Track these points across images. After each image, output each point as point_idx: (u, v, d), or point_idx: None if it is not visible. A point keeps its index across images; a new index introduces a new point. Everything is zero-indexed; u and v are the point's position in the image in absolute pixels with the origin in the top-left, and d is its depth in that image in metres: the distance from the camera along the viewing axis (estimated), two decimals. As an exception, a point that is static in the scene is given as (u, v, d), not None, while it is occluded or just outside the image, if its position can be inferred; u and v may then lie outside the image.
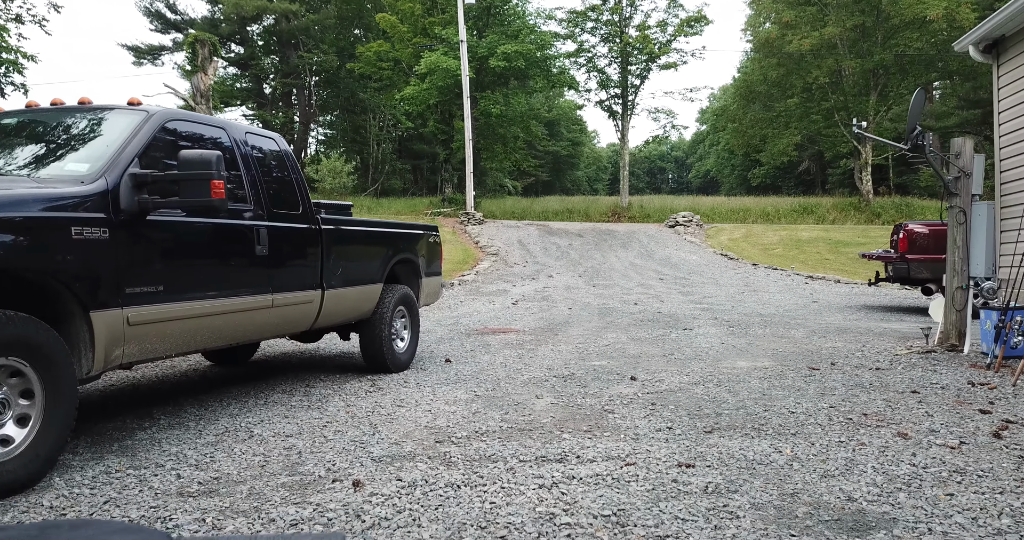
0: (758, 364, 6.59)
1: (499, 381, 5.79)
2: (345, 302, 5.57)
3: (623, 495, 3.00)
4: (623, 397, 5.11)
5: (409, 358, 6.53)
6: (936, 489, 3.03)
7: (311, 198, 5.30)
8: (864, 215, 29.81)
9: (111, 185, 3.54)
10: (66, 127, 4.08)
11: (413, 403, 4.95)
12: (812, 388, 5.37)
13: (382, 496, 3.03)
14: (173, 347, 3.96)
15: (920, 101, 6.81)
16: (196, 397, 5.10)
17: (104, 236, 3.43)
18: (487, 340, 8.41)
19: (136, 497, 3.02)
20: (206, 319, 4.07)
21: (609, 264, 19.48)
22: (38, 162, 3.83)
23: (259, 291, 4.52)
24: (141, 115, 3.99)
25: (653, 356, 7.16)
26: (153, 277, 3.71)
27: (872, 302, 12.77)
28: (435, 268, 7.31)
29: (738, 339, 8.41)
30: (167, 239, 3.82)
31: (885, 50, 29.52)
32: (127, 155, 3.70)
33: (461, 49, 26.09)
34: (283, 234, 4.79)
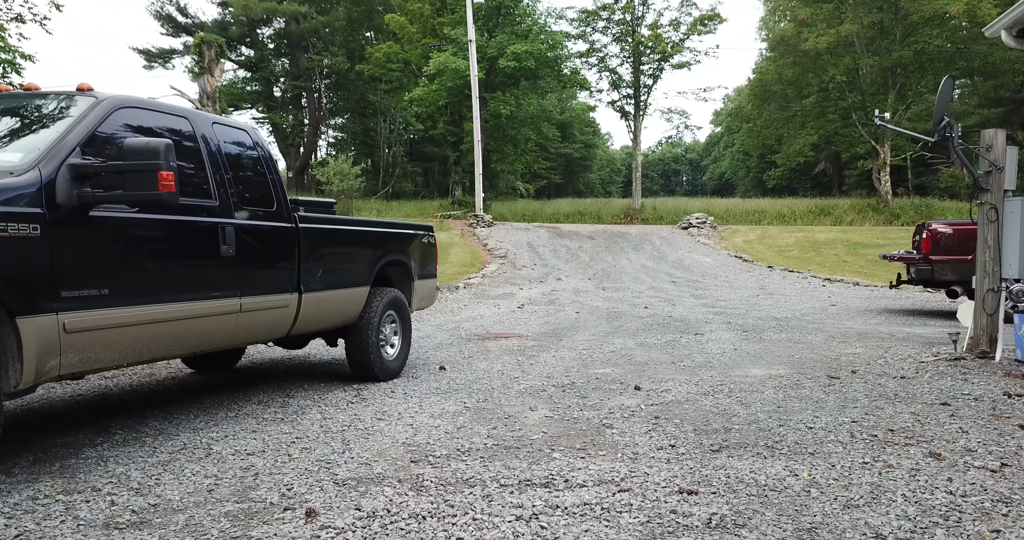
0: (773, 372, 6.15)
1: (492, 391, 5.39)
2: (326, 307, 5.19)
3: (612, 531, 2.59)
4: (624, 409, 4.69)
5: (399, 365, 6.14)
6: (979, 524, 2.59)
7: (287, 195, 4.93)
8: (883, 216, 29.14)
9: (46, 177, 3.17)
10: (8, 115, 3.73)
11: (395, 416, 4.56)
12: (832, 399, 4.92)
13: (334, 530, 2.64)
14: (123, 356, 3.59)
15: (949, 90, 6.35)
16: (164, 409, 4.74)
17: (35, 233, 3.06)
18: (487, 346, 8.01)
19: (53, 530, 2.65)
20: (161, 325, 3.70)
21: (620, 267, 19.02)
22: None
23: (225, 295, 4.14)
24: (89, 101, 3.64)
25: (661, 363, 6.73)
26: (96, 279, 3.34)
27: (893, 305, 12.24)
28: (429, 270, 6.92)
29: (752, 345, 7.96)
30: (113, 237, 3.46)
31: (904, 47, 28.86)
32: (67, 144, 3.34)
33: (470, 49, 25.75)
34: (253, 232, 4.41)
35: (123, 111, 3.76)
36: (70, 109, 3.64)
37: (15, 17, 15.27)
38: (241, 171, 4.52)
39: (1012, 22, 6.18)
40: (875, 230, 24.84)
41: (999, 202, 6.40)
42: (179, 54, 40.70)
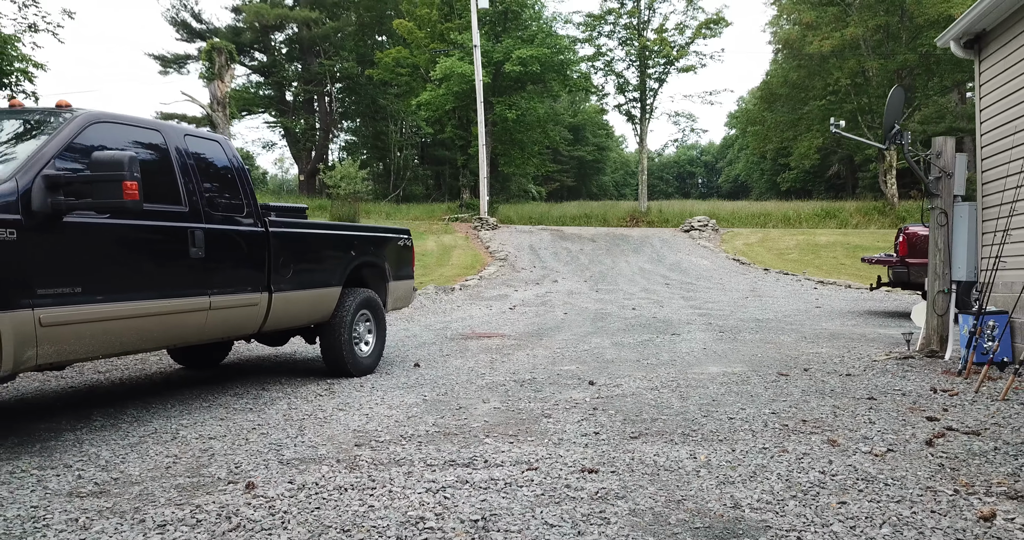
0: (729, 370, 6.44)
1: (455, 386, 5.73)
2: (296, 305, 5.56)
3: (506, 500, 2.93)
4: (569, 402, 5.02)
5: (373, 362, 6.50)
6: (832, 497, 2.90)
7: (258, 201, 5.31)
8: (889, 219, 29.18)
9: (23, 187, 3.57)
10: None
11: (356, 407, 4.92)
12: (768, 394, 5.22)
13: (265, 499, 3.00)
14: (97, 349, 3.98)
15: (899, 99, 6.62)
16: (144, 400, 5.13)
17: (11, 237, 3.45)
18: (468, 345, 8.35)
19: (24, 497, 3.03)
20: (131, 321, 4.08)
21: (617, 269, 19.31)
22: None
23: (194, 293, 4.52)
24: (64, 117, 4.03)
25: (626, 361, 7.04)
26: (69, 278, 3.73)
27: (877, 307, 12.45)
28: (405, 272, 7.28)
29: (723, 344, 8.24)
30: (85, 240, 3.84)
31: (910, 50, 28.92)
32: (42, 157, 3.73)
33: (475, 54, 26.15)
34: (223, 236, 4.79)
35: (97, 126, 4.16)
36: (48, 124, 4.03)
37: (29, 26, 15.82)
38: (212, 179, 4.90)
39: (960, 32, 6.44)
40: (877, 233, 24.93)
41: (949, 207, 6.66)
42: (193, 59, 41.47)
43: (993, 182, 6.39)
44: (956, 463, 3.38)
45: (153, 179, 4.32)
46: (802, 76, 31.14)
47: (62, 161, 3.82)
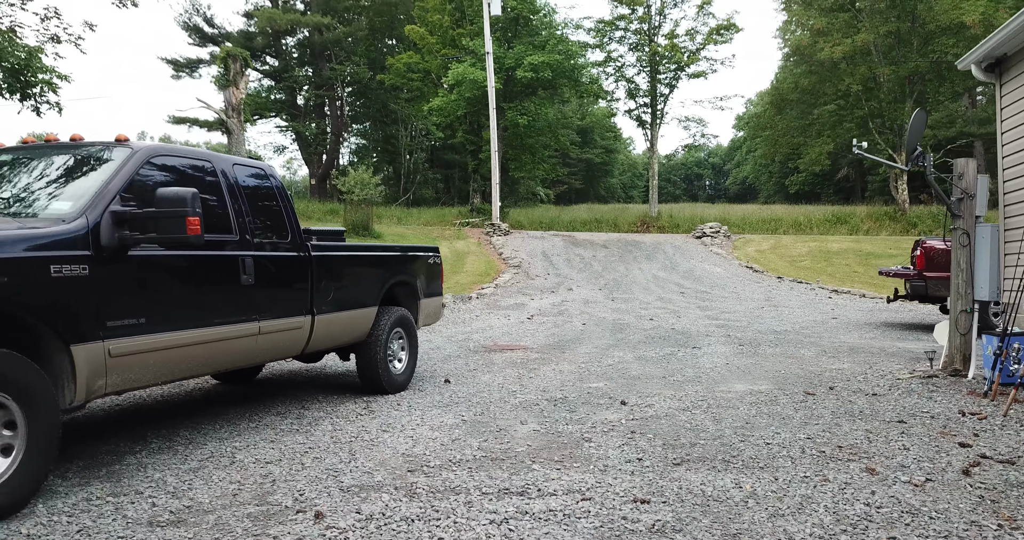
0: (755, 388, 6.56)
1: (490, 405, 5.87)
2: (337, 326, 5.71)
3: (568, 533, 3.06)
4: (606, 424, 5.15)
5: (406, 379, 6.65)
6: (881, 531, 3.03)
7: (300, 225, 5.46)
8: (900, 225, 29.21)
9: (92, 223, 3.72)
10: (56, 164, 4.28)
11: (398, 428, 5.06)
12: (799, 416, 5.34)
13: (338, 530, 3.14)
14: (157, 376, 4.13)
15: (920, 123, 6.74)
16: (192, 419, 5.28)
17: (84, 273, 3.60)
18: (492, 358, 8.49)
19: (108, 526, 3.18)
20: (189, 348, 4.24)
21: (631, 277, 19.43)
22: (25, 201, 4.03)
23: (244, 319, 4.67)
24: (125, 152, 4.18)
25: (652, 378, 7.17)
26: (134, 310, 3.88)
27: (893, 318, 12.55)
28: (435, 289, 7.43)
29: (745, 359, 8.36)
30: (148, 273, 4.00)
31: (921, 56, 28.96)
32: (108, 193, 3.88)
33: (487, 61, 26.31)
34: (270, 262, 4.95)
35: (155, 159, 4.31)
36: (110, 159, 4.19)
37: (51, 37, 16.03)
38: (258, 206, 5.06)
39: (981, 57, 6.55)
40: (889, 240, 24.98)
41: (971, 228, 6.77)
42: (206, 64, 41.76)
43: (1016, 204, 6.50)
44: (995, 495, 3.50)
45: (206, 209, 4.47)
46: (813, 82, 31.21)
47: (125, 194, 3.97)
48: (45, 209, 3.85)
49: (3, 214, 3.76)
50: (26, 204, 3.98)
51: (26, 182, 4.20)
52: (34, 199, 4.02)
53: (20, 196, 4.08)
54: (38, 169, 4.27)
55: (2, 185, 4.20)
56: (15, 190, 4.15)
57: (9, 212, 3.84)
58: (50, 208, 3.84)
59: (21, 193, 4.11)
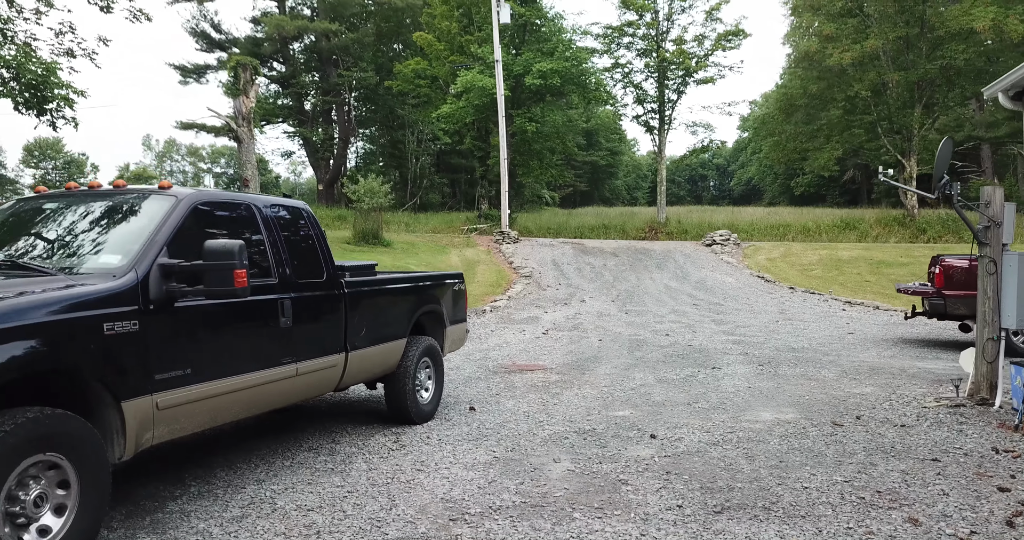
0: (782, 417, 6.57)
1: (519, 438, 5.89)
2: (369, 361, 5.73)
3: (622, 597, 3.08)
4: (640, 462, 5.17)
5: (433, 408, 6.67)
6: (936, 598, 3.04)
7: (335, 261, 5.48)
8: (909, 231, 29.20)
9: (140, 276, 3.74)
10: (101, 213, 4.31)
11: (432, 467, 5.08)
12: (831, 452, 5.35)
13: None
14: (201, 424, 4.16)
15: (948, 151, 6.74)
16: (227, 457, 5.30)
17: (135, 328, 3.63)
18: (513, 380, 8.51)
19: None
20: (231, 395, 4.26)
21: (643, 287, 19.43)
22: (73, 252, 4.06)
23: (284, 362, 4.70)
24: (170, 201, 4.21)
25: (677, 405, 7.18)
26: (181, 361, 3.91)
27: (910, 334, 12.53)
28: (459, 315, 7.45)
29: (766, 382, 8.37)
30: (194, 324, 4.02)
31: (930, 62, 28.92)
32: (156, 244, 3.90)
33: (496, 69, 26.34)
34: (307, 303, 4.97)
35: (199, 207, 4.34)
36: (154, 207, 4.21)
37: (66, 52, 16.11)
38: (294, 246, 5.08)
39: (1008, 86, 6.55)
40: (899, 247, 24.95)
41: (998, 255, 6.76)
42: (213, 69, 41.89)
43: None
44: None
45: (248, 254, 4.50)
46: (822, 87, 31.18)
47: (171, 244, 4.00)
48: (94, 262, 3.88)
49: (54, 269, 3.78)
50: (75, 256, 4.01)
51: (72, 232, 4.23)
52: (82, 250, 4.05)
53: (68, 247, 4.12)
54: (83, 217, 4.30)
55: (49, 235, 4.23)
56: (63, 240, 4.18)
57: (60, 266, 3.86)
58: (99, 261, 3.86)
59: (69, 244, 4.14)
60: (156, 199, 4.29)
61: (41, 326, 3.20)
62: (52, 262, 3.96)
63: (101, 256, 3.92)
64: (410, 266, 19.56)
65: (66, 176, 77.54)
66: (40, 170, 76.04)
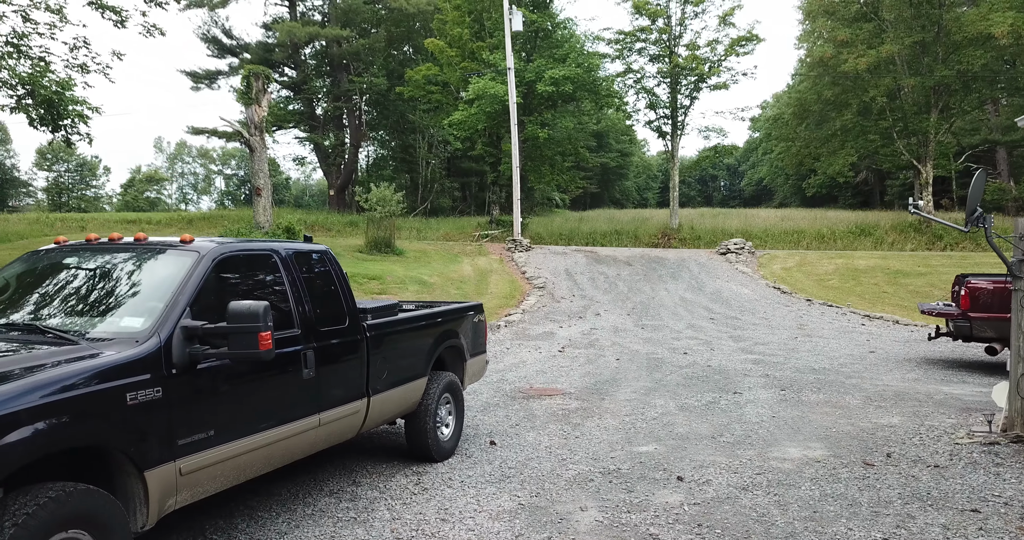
0: (810, 454, 6.43)
1: (543, 480, 5.77)
2: (391, 403, 5.63)
3: None
4: (669, 511, 5.04)
5: (454, 445, 6.56)
6: None
7: (356, 303, 5.38)
8: (925, 237, 28.89)
9: (164, 340, 3.65)
10: (121, 269, 4.23)
11: (456, 515, 4.97)
12: (865, 500, 5.21)
13: None
14: (224, 484, 4.06)
15: (981, 183, 6.58)
16: (246, 502, 5.21)
17: (158, 396, 3.54)
18: (532, 407, 8.39)
19: None
20: (254, 453, 4.16)
21: (659, 299, 19.27)
22: (94, 314, 3.97)
23: (306, 414, 4.60)
24: (192, 257, 4.11)
25: (701, 438, 7.05)
26: (204, 424, 3.81)
27: (933, 353, 12.34)
28: (479, 348, 7.35)
29: (790, 409, 8.23)
30: (216, 385, 3.92)
31: (947, 67, 28.59)
32: (179, 305, 3.81)
33: (508, 76, 26.22)
34: (329, 352, 4.87)
35: (222, 259, 4.24)
36: (176, 264, 4.12)
37: (80, 66, 16.11)
38: (317, 293, 4.98)
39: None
40: (916, 256, 24.66)
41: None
42: (224, 75, 41.98)
43: (1082, 269, 6.32)
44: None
45: (271, 303, 4.40)
46: (836, 93, 30.88)
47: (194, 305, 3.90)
48: (115, 325, 3.79)
49: (74, 333, 3.69)
50: (95, 317, 3.92)
51: (93, 290, 4.14)
52: (103, 312, 3.96)
53: (88, 308, 4.03)
54: (103, 275, 4.21)
55: (69, 294, 4.15)
56: (82, 300, 4.09)
57: (79, 330, 3.77)
58: (121, 324, 3.77)
59: (89, 304, 4.05)
60: (177, 255, 4.20)
61: (63, 403, 3.11)
62: (71, 324, 3.86)
63: (123, 319, 3.83)
64: (423, 276, 19.49)
65: (79, 179, 78.02)
66: (53, 173, 76.54)
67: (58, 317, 3.95)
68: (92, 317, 3.93)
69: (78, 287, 4.19)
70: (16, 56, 15.12)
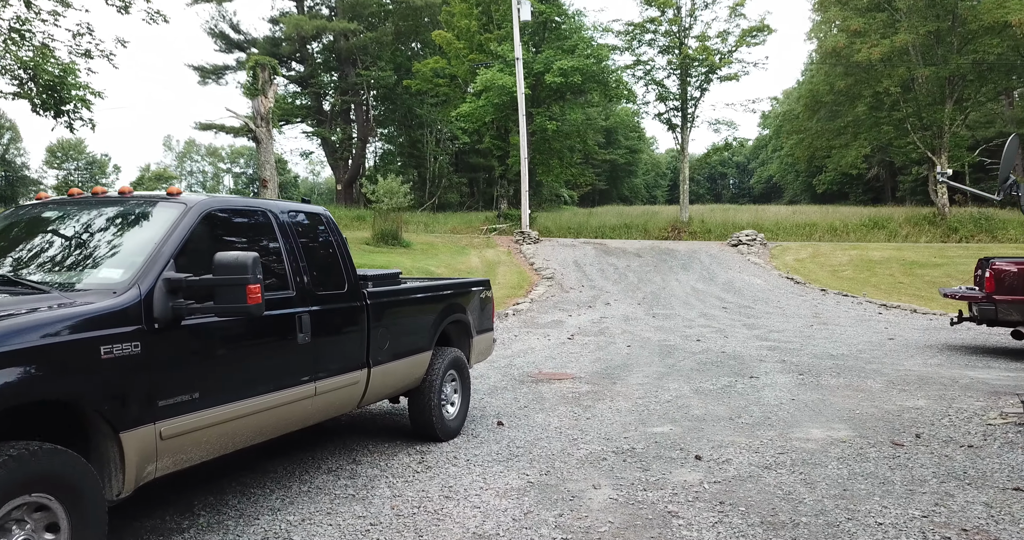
0: (834, 435, 6.10)
1: (553, 459, 5.47)
2: (393, 376, 5.34)
3: None
4: (688, 488, 4.73)
5: (459, 424, 6.27)
6: None
7: (357, 270, 5.09)
8: (940, 230, 28.41)
9: (144, 293, 3.37)
10: (104, 222, 3.95)
11: (461, 493, 4.68)
12: (898, 478, 4.88)
13: None
14: (211, 452, 3.78)
15: (1014, 149, 6.23)
16: (239, 479, 4.93)
17: (136, 351, 3.25)
18: (541, 391, 8.10)
19: None
20: (244, 420, 3.88)
21: (669, 289, 18.92)
22: (72, 266, 3.69)
23: (301, 382, 4.31)
24: (178, 209, 3.83)
25: (719, 420, 6.73)
26: (188, 385, 3.53)
27: (953, 339, 11.96)
28: (486, 324, 7.05)
29: (809, 393, 7.89)
30: (203, 343, 3.64)
31: (962, 57, 28.10)
32: (162, 257, 3.53)
33: (516, 67, 25.91)
34: (327, 317, 4.58)
35: (210, 214, 3.95)
36: (161, 216, 3.84)
37: (84, 53, 15.90)
38: (314, 256, 4.69)
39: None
40: (932, 247, 24.21)
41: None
42: (232, 70, 41.85)
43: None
44: None
45: (263, 265, 4.12)
46: (848, 83, 30.42)
47: (179, 257, 3.62)
48: (94, 277, 3.51)
49: (50, 285, 3.41)
50: (73, 270, 3.64)
51: (72, 243, 3.87)
52: (81, 264, 3.68)
53: (67, 260, 3.75)
54: (85, 227, 3.94)
55: (47, 247, 3.87)
56: (61, 253, 3.82)
57: (56, 282, 3.49)
58: (99, 276, 3.49)
59: (67, 257, 3.78)
60: (163, 207, 3.92)
61: (29, 352, 2.82)
62: (48, 277, 3.59)
63: (101, 270, 3.55)
64: (430, 268, 19.21)
65: (88, 177, 78.19)
66: (63, 171, 76.76)
67: (35, 269, 3.67)
68: (70, 270, 3.66)
69: (57, 241, 3.92)
70: (19, 42, 14.92)
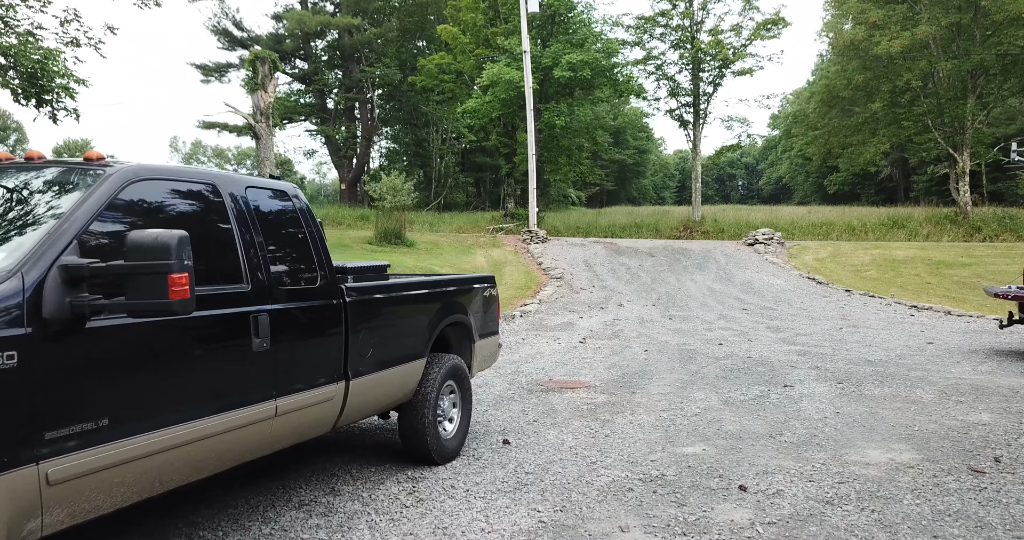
0: (897, 458, 5.20)
1: (569, 489, 4.59)
2: (378, 390, 4.46)
3: None
4: (737, 532, 3.84)
5: (458, 443, 5.39)
6: None
7: (332, 261, 4.21)
8: (962, 229, 27.38)
9: (29, 285, 2.50)
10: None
11: (458, 537, 3.80)
12: (995, 519, 3.98)
13: None
14: (128, 497, 2.90)
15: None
16: (187, 517, 4.06)
17: (12, 364, 2.39)
18: (552, 401, 7.22)
19: None
20: (176, 451, 3.00)
21: (685, 289, 18.00)
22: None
23: (257, 399, 3.43)
24: (95, 177, 2.97)
25: (758, 437, 5.83)
26: (92, 409, 2.66)
27: (999, 343, 11.01)
28: (490, 327, 6.16)
29: (854, 405, 6.99)
30: (115, 352, 2.77)
31: (985, 49, 27.09)
32: (62, 238, 2.66)
33: (524, 60, 25.05)
34: (292, 317, 3.71)
35: (137, 185, 3.09)
36: (73, 186, 2.98)
37: (70, 41, 15.12)
38: (279, 243, 3.82)
39: None
40: (957, 247, 23.22)
41: None
42: (235, 68, 41.15)
43: None
44: None
45: (207, 252, 3.26)
46: (867, 78, 29.44)
47: (88, 238, 2.75)
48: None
49: None
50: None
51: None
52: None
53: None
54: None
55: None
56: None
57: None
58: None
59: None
60: (77, 176, 3.05)
61: None
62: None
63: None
64: (434, 267, 18.35)
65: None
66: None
67: None
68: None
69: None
70: (2, 30, 14.15)
